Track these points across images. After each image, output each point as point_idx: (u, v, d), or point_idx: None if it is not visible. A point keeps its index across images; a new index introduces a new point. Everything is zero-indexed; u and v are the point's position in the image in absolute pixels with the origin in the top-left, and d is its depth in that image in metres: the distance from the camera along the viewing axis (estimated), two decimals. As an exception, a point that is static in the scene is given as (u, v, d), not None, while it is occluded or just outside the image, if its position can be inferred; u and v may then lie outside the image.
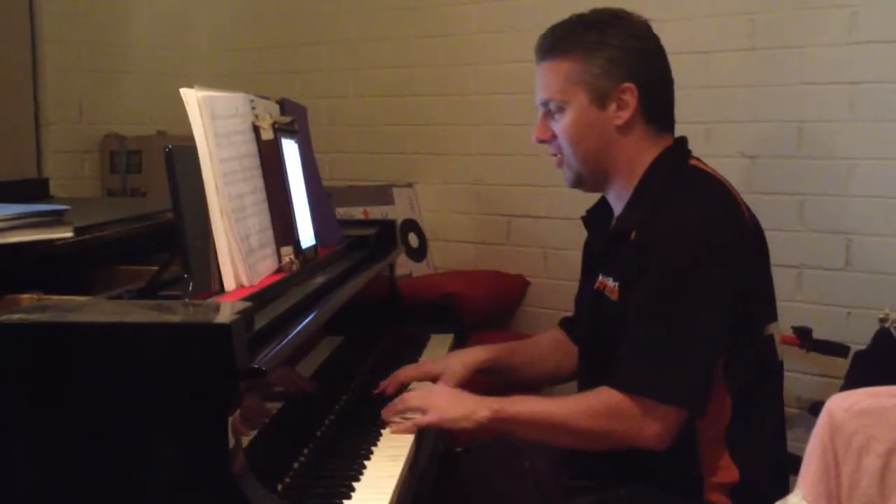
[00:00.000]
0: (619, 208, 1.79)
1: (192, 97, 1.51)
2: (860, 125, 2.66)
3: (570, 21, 1.77)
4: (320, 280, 1.80)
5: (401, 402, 1.74)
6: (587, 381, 1.84)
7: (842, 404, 1.38)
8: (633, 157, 1.74)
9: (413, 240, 3.46)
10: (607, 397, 1.62)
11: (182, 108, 1.51)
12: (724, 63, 2.87)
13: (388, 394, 1.89)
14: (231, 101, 1.63)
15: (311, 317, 1.58)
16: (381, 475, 1.51)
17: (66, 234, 1.52)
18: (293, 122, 1.89)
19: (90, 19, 3.64)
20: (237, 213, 1.54)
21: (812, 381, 2.74)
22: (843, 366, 2.53)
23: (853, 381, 2.34)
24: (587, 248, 1.94)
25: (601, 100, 1.72)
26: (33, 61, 3.46)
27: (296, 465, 1.48)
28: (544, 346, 2.07)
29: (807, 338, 2.62)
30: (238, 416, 1.21)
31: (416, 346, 2.30)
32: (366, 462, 1.55)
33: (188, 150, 1.49)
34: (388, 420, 1.70)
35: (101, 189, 3.64)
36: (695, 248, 1.62)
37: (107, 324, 1.22)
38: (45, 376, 1.19)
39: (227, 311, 1.24)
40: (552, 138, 1.79)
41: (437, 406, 1.70)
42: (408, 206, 3.49)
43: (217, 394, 1.18)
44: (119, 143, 3.60)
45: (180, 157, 1.46)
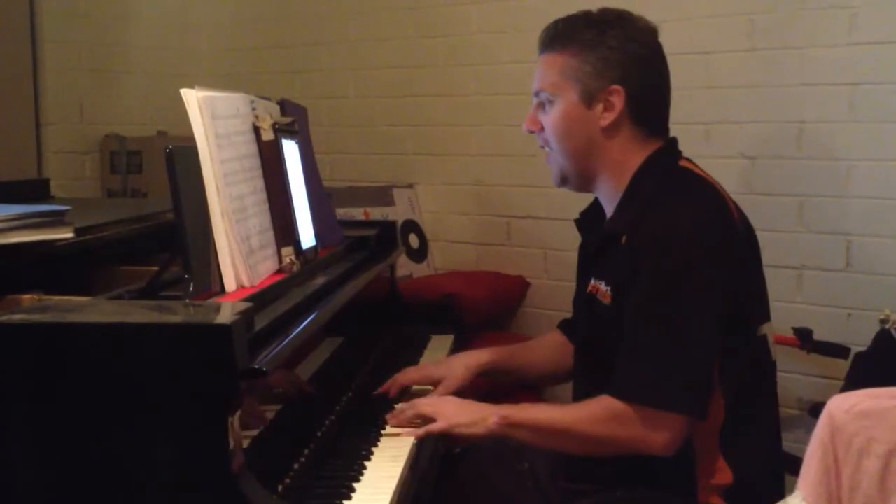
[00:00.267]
0: (610, 210, 1.79)
1: (192, 97, 1.51)
2: (860, 126, 2.65)
3: (576, 17, 1.77)
4: (321, 281, 1.80)
5: (411, 409, 1.74)
6: (582, 381, 1.85)
7: (842, 406, 1.37)
8: (620, 159, 1.74)
9: (413, 241, 3.46)
10: (611, 405, 1.62)
11: (182, 108, 1.51)
12: (724, 63, 2.87)
13: (389, 397, 1.90)
14: (231, 102, 1.63)
15: (311, 317, 1.58)
16: (381, 476, 1.51)
17: (67, 234, 1.52)
18: (293, 122, 1.89)
19: (90, 19, 3.63)
20: (238, 214, 1.54)
21: (812, 383, 2.73)
22: (844, 367, 2.53)
23: (853, 382, 2.33)
24: (582, 250, 1.94)
25: (589, 99, 1.72)
26: (33, 61, 3.46)
27: (296, 465, 1.48)
28: (545, 348, 2.07)
29: (807, 339, 2.61)
30: (238, 416, 1.21)
31: (417, 346, 2.31)
32: (366, 463, 1.55)
33: (189, 150, 1.49)
34: (397, 426, 1.71)
35: (102, 189, 3.64)
36: (687, 250, 1.62)
37: (107, 324, 1.22)
38: (45, 376, 1.19)
39: (227, 312, 1.25)
40: (541, 130, 1.79)
41: (447, 413, 1.71)
42: (408, 206, 3.48)
43: (217, 394, 1.18)
44: (119, 144, 3.59)
45: (181, 158, 1.47)
